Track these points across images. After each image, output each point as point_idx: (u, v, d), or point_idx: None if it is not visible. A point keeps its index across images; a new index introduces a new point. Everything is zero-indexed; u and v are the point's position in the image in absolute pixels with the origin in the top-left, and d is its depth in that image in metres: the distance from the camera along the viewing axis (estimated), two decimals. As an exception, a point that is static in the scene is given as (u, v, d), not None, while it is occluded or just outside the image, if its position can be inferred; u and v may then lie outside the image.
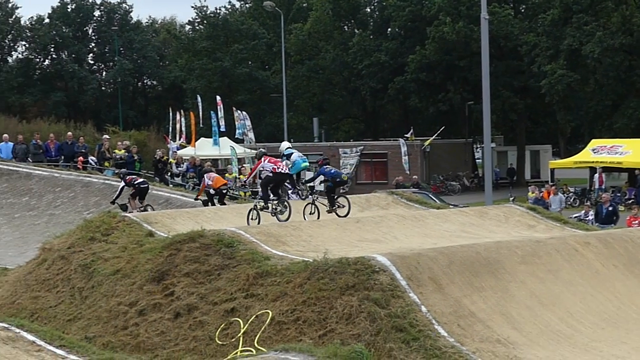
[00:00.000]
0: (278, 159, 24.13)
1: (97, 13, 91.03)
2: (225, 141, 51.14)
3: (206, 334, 17.23)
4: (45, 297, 21.13)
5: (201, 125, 53.48)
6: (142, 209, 28.59)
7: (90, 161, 38.82)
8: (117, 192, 29.44)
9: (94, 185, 35.14)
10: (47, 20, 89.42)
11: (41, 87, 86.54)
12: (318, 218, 23.24)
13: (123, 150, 39.36)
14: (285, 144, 26.93)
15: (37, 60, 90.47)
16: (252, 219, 22.98)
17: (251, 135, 56.65)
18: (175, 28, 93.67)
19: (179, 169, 38.51)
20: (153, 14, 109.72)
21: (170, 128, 54.45)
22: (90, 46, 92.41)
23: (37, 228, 31.87)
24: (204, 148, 50.17)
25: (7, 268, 27.00)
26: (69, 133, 43.76)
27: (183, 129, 52.15)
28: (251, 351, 15.90)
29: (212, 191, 29.64)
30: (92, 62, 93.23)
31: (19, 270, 23.93)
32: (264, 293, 17.23)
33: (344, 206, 23.24)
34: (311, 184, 24.21)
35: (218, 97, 53.56)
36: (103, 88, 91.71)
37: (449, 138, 75.34)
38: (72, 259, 21.45)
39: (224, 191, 30.11)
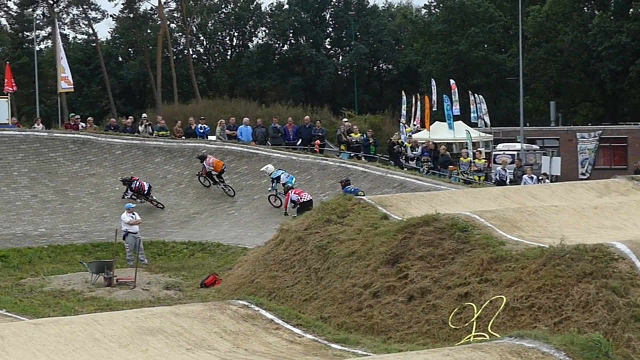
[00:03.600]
0: (302, 190, 31.64)
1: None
2: (460, 125, 50.86)
3: (439, 317, 17.22)
4: (283, 276, 21.63)
5: (435, 109, 53.38)
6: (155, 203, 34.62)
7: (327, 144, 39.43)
8: (127, 195, 34.47)
9: (330, 168, 35.69)
10: (286, 6, 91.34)
11: (280, 71, 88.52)
12: None
13: (359, 134, 39.82)
14: (270, 168, 34.45)
15: (276, 45, 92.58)
16: None
17: (486, 119, 56.17)
18: (411, 12, 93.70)
19: (414, 152, 38.58)
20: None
21: (405, 112, 54.68)
22: (328, 31, 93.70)
23: (275, 209, 32.67)
24: (439, 132, 50.07)
25: (247, 248, 27.90)
26: (307, 117, 44.61)
27: (418, 112, 52.24)
28: (484, 336, 15.77)
29: (214, 173, 35.30)
30: (329, 46, 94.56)
31: (258, 250, 24.61)
32: (498, 278, 17.06)
33: None
34: None
35: (452, 81, 53.34)
36: (339, 72, 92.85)
37: (694, 122, 72.08)
38: (309, 240, 21.86)
39: (224, 170, 35.55)
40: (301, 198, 31.20)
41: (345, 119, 46.58)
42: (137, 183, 34.53)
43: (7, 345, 13.64)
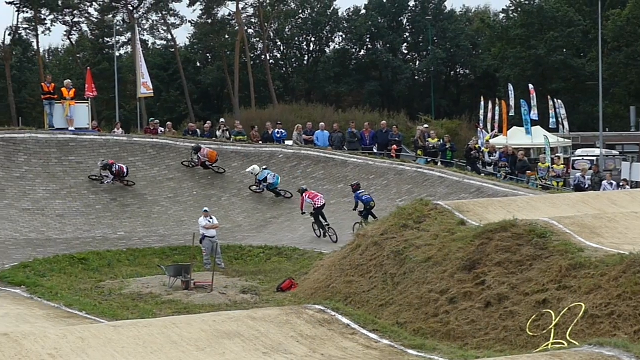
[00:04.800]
0: (316, 194, 32.07)
1: (411, 3, 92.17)
2: (538, 130, 50.39)
3: (517, 324, 17.07)
4: (359, 282, 21.62)
5: (513, 114, 52.96)
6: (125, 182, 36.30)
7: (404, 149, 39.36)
8: (108, 180, 35.96)
9: (406, 173, 35.59)
10: (363, 12, 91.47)
11: (356, 76, 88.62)
12: None
13: (436, 139, 39.65)
14: (256, 169, 36.20)
15: (353, 50, 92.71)
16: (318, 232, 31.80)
17: (565, 124, 55.57)
18: (489, 17, 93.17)
19: (491, 158, 38.31)
20: (467, 3, 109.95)
21: (482, 117, 54.34)
22: (405, 36, 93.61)
23: (351, 214, 32.62)
24: (517, 137, 49.65)
25: (323, 253, 27.92)
26: (383, 122, 44.55)
27: (496, 117, 51.89)
28: (563, 344, 15.59)
29: (208, 163, 37.45)
30: (406, 51, 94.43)
31: (334, 255, 24.63)
32: (577, 285, 16.86)
33: None
34: (357, 210, 31.32)
35: (531, 86, 52.88)
36: (416, 77, 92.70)
37: None
38: (385, 246, 21.82)
39: (217, 159, 37.61)
40: (315, 204, 31.61)
41: (426, 125, 46.36)
42: (117, 167, 35.83)
43: (87, 347, 13.83)
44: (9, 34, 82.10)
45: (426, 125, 45.29)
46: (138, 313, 21.88)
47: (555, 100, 55.97)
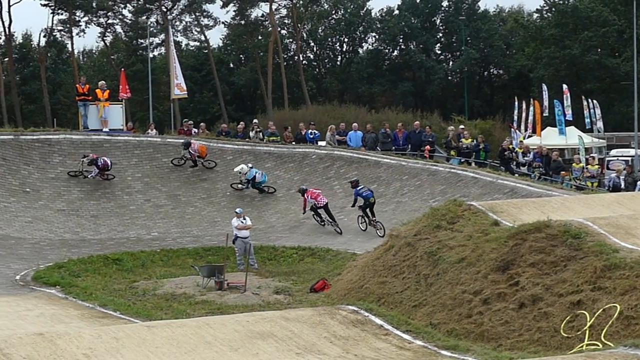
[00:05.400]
0: (318, 193, 33.09)
1: (445, 3, 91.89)
2: (572, 130, 50.13)
3: (551, 325, 16.98)
4: (392, 282, 21.59)
5: (546, 114, 52.71)
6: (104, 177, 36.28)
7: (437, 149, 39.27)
8: (92, 174, 36.02)
9: (440, 173, 35.51)
10: (396, 12, 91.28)
11: (389, 77, 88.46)
12: (365, 229, 31.96)
13: (470, 139, 39.52)
14: (244, 169, 36.50)
15: (386, 51, 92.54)
16: (320, 222, 33.25)
17: (600, 124, 55.23)
18: (523, 16, 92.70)
19: (525, 158, 38.14)
20: (500, 3, 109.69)
21: (516, 117, 54.12)
22: (438, 36, 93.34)
23: (384, 215, 32.63)
24: (550, 137, 49.43)
25: (356, 253, 27.92)
26: (416, 122, 44.47)
27: (530, 118, 51.67)
28: (597, 345, 15.51)
29: (197, 158, 37.39)
30: (439, 52, 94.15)
31: (367, 255, 24.61)
32: (611, 286, 16.76)
33: (381, 228, 30.99)
34: (356, 205, 32.24)
35: (565, 86, 52.61)
36: (449, 78, 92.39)
37: None
38: (418, 246, 21.77)
39: (207, 154, 37.69)
40: (318, 203, 32.81)
41: (461, 126, 46.25)
42: (102, 160, 36.00)
43: (121, 347, 13.90)
44: (44, 36, 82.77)
45: (462, 126, 45.15)
46: (172, 313, 21.96)
47: (590, 100, 55.62)
